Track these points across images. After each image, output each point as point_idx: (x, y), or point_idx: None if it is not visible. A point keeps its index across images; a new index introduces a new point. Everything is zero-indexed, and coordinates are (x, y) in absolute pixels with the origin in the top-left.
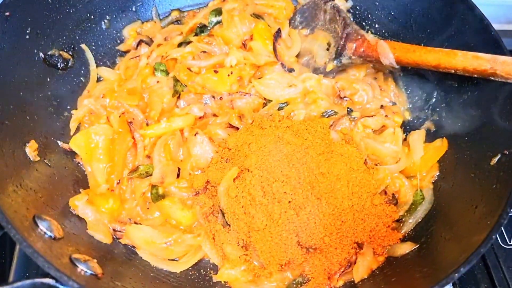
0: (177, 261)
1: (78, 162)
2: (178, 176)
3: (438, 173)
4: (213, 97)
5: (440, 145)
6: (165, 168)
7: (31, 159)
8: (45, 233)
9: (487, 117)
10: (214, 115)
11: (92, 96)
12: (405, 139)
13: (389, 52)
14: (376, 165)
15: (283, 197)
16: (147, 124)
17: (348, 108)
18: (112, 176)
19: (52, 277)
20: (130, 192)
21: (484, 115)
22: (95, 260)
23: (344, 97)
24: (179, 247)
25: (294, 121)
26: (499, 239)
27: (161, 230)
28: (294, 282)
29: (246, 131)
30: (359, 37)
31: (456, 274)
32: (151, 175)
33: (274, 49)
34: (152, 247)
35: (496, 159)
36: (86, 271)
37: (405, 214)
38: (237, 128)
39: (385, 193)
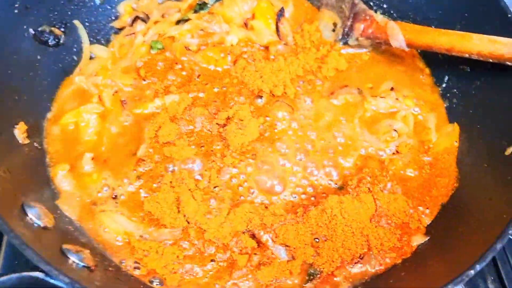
0: None
1: None
2: None
3: None
4: None
5: (451, 131)
6: None
7: (20, 141)
8: (34, 222)
9: (502, 104)
10: None
11: (84, 74)
12: None
13: (399, 34)
14: None
15: None
16: None
17: (357, 88)
18: None
19: (42, 270)
20: None
21: (498, 102)
22: (88, 251)
23: None
24: None
25: None
26: None
27: None
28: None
29: None
30: (368, 17)
31: (472, 271)
32: None
33: (277, 29)
34: None
35: (511, 149)
36: (78, 263)
37: None
38: None
39: None
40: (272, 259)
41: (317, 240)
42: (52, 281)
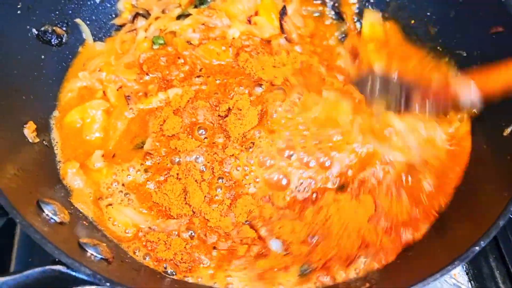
0: None
1: None
2: None
3: None
4: None
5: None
6: None
7: (30, 140)
8: (51, 218)
9: None
10: None
11: (87, 69)
12: None
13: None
14: None
15: None
16: None
17: None
18: None
19: (62, 264)
20: None
21: None
22: (105, 244)
23: None
24: None
25: None
26: None
27: None
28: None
29: None
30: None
31: (477, 248)
32: None
33: (281, 27)
34: None
35: (509, 129)
36: (96, 256)
37: None
38: None
39: None
40: (269, 251)
41: (312, 238)
42: (73, 273)
